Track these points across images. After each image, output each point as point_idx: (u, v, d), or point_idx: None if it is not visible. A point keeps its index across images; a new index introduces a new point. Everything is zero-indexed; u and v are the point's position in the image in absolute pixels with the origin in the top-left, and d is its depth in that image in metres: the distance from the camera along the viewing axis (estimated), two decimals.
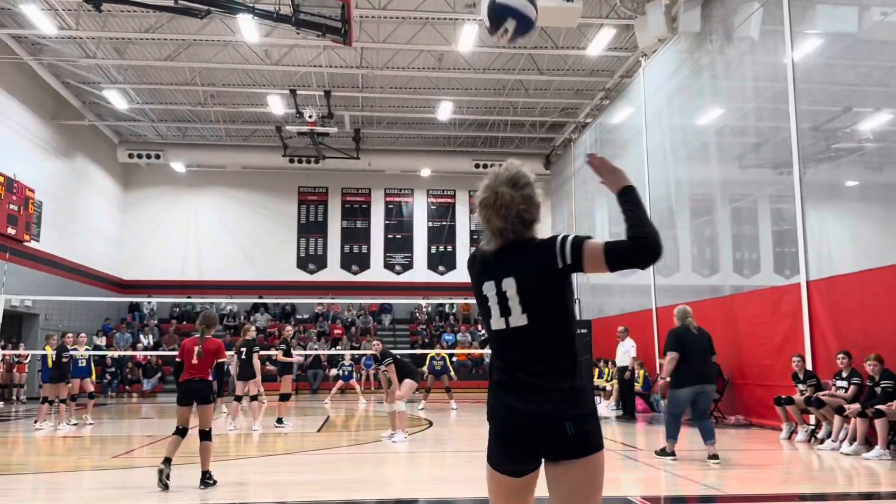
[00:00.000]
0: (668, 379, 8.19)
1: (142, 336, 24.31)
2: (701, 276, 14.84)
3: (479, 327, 25.94)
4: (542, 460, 2.45)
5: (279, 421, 12.42)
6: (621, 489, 7.09)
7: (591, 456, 2.38)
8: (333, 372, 22.84)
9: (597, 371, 17.17)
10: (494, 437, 2.54)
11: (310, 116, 20.51)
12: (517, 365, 2.50)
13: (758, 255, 13.08)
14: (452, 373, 17.98)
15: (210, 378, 6.89)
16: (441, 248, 28.74)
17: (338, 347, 23.72)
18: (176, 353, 7.18)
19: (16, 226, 18.95)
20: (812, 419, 10.12)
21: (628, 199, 2.59)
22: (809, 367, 10.47)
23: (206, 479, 6.68)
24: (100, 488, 6.58)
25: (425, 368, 17.93)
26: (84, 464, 8.75)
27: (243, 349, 12.29)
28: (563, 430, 2.38)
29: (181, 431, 6.86)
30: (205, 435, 6.80)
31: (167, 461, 6.61)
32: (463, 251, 28.69)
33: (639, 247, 2.46)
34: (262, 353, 12.84)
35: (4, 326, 15.45)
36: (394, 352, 11.02)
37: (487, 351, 22.08)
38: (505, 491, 2.52)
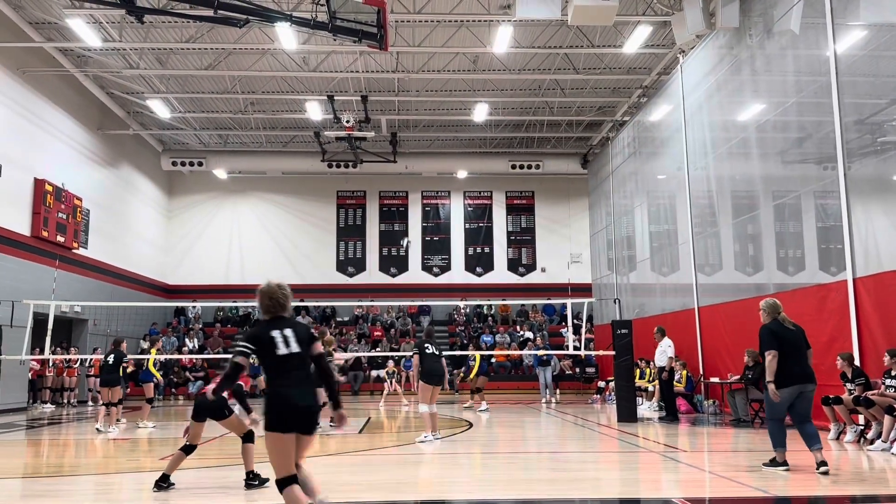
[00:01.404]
0: (773, 380, 7.33)
1: (187, 340, 24.79)
2: (744, 274, 14.59)
3: (518, 328, 25.88)
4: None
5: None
6: (662, 490, 7.03)
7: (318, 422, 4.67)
8: (374, 373, 23.10)
9: (638, 372, 16.98)
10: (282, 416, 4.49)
11: (347, 121, 20.72)
12: (296, 375, 4.58)
13: (802, 252, 12.83)
14: (472, 375, 17.91)
15: (229, 395, 7.10)
16: (478, 250, 28.75)
17: (377, 349, 23.89)
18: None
19: (64, 234, 19.50)
20: (861, 419, 9.89)
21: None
22: (857, 365, 10.23)
23: (251, 480, 6.78)
24: (147, 489, 6.74)
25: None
26: (132, 465, 8.97)
27: None
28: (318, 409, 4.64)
29: (188, 448, 6.96)
30: (246, 438, 6.96)
31: (165, 478, 6.71)
32: (500, 252, 28.67)
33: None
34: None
35: (55, 331, 15.90)
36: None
37: (527, 352, 22.12)
38: (289, 444, 4.44)
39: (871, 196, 10.72)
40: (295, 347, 4.60)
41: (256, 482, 6.81)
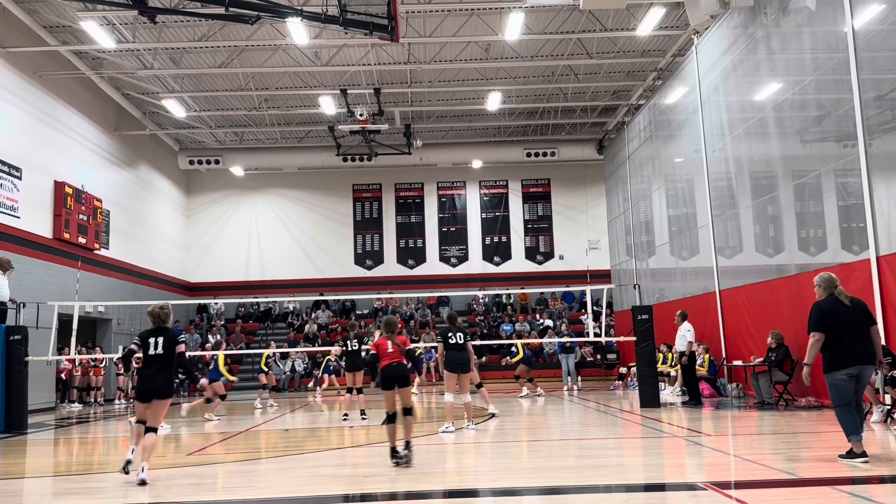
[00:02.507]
0: (810, 364, 6.93)
1: (210, 336, 25.00)
2: (765, 255, 14.45)
3: (537, 316, 25.85)
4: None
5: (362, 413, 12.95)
6: (686, 475, 7.00)
7: (167, 398, 7.30)
8: None
9: (661, 356, 16.90)
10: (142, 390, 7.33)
11: (361, 115, 20.72)
12: (155, 367, 7.23)
13: (824, 231, 12.66)
14: (517, 359, 17.81)
15: (406, 362, 7.78)
16: (495, 239, 28.73)
17: None
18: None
19: (86, 235, 19.72)
20: (888, 399, 9.77)
21: None
22: (883, 343, 10.09)
23: (408, 448, 7.47)
24: (175, 487, 6.82)
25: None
26: (162, 462, 9.06)
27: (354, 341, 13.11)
28: (165, 390, 7.30)
29: (392, 417, 7.53)
30: (407, 411, 7.63)
31: (395, 451, 7.42)
32: (517, 241, 28.63)
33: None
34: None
35: (79, 332, 16.10)
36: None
37: (547, 340, 22.10)
38: (146, 407, 7.17)
39: (892, 173, 10.54)
40: (160, 350, 7.22)
41: (409, 452, 7.48)
